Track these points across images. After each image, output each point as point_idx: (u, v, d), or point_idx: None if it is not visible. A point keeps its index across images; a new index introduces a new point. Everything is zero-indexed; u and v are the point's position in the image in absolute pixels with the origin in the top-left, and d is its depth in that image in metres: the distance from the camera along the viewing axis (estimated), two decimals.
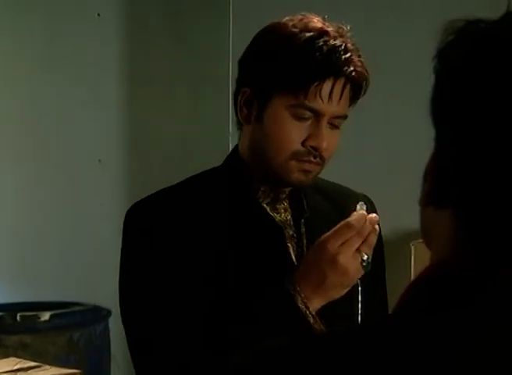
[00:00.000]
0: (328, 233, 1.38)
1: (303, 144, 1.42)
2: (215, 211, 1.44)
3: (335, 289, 1.38)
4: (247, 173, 1.48)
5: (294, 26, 1.43)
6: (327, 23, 1.43)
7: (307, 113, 1.41)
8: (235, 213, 1.45)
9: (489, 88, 0.65)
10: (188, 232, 1.40)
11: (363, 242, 1.38)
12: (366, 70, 1.44)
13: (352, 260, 1.37)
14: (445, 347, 0.64)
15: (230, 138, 2.92)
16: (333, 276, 1.37)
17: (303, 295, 1.38)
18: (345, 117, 1.46)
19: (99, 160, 3.04)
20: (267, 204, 1.48)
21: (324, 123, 1.42)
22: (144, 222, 1.42)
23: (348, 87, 1.42)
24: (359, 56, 1.43)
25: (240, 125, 1.48)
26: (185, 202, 1.44)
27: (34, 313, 2.85)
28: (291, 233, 1.49)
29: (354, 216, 1.39)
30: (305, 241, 1.49)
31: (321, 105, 1.41)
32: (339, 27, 1.43)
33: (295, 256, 1.47)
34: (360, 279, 1.40)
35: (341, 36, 1.42)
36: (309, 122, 1.42)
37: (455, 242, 0.69)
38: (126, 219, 1.43)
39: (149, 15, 3.01)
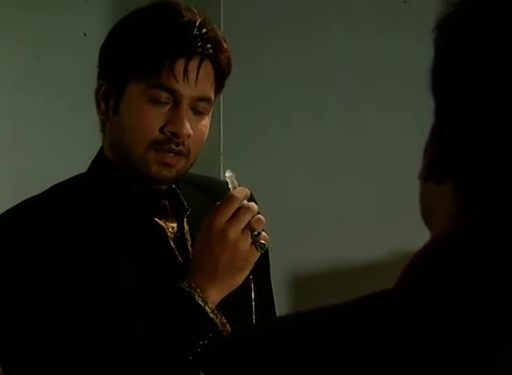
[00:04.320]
0: (212, 211, 1.30)
1: (161, 130, 1.33)
2: (90, 220, 1.34)
3: (229, 273, 1.29)
4: (116, 175, 1.38)
5: (147, 10, 1.38)
6: (192, 11, 1.36)
7: (164, 94, 1.33)
8: (112, 220, 1.36)
9: (485, 60, 0.66)
10: (62, 248, 1.30)
11: (252, 218, 1.30)
12: (227, 50, 1.36)
13: (242, 236, 1.28)
14: (445, 316, 0.63)
15: (221, 158, 2.86)
16: (225, 257, 1.28)
17: (199, 290, 1.29)
18: (208, 100, 1.36)
19: None
20: (144, 206, 1.38)
21: (184, 106, 1.33)
22: (6, 244, 1.31)
23: (208, 66, 1.34)
24: (224, 41, 1.36)
25: (102, 126, 1.41)
26: (53, 216, 1.34)
27: None
28: (174, 233, 1.40)
29: (236, 189, 1.33)
30: (190, 240, 1.40)
31: (176, 84, 1.32)
32: (203, 12, 1.37)
33: (181, 257, 1.39)
34: (252, 272, 1.33)
35: (200, 16, 1.35)
36: (168, 107, 1.33)
37: (455, 216, 0.69)
38: None
39: None
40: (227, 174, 1.37)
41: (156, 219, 1.40)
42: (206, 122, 1.39)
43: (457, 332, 0.63)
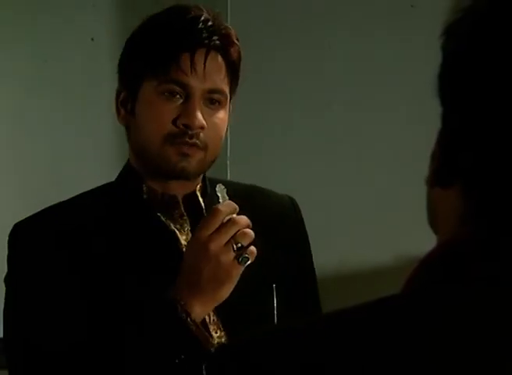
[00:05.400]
0: (199, 224, 1.32)
1: (175, 123, 1.35)
2: (108, 225, 1.38)
3: (211, 286, 1.29)
4: (138, 182, 1.41)
5: (159, 13, 1.41)
6: (200, 8, 1.39)
7: (175, 89, 1.35)
8: (128, 225, 1.38)
9: (494, 66, 0.66)
10: (77, 250, 1.34)
11: (238, 232, 1.29)
12: (237, 44, 1.38)
13: (224, 249, 1.28)
14: (459, 318, 0.63)
15: (228, 163, 2.86)
16: (207, 270, 1.28)
17: (183, 303, 1.30)
18: (221, 93, 1.38)
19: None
20: (161, 211, 1.40)
21: (195, 98, 1.35)
22: (28, 243, 1.35)
23: (217, 58, 1.36)
24: (236, 37, 1.39)
25: (128, 135, 1.43)
26: (74, 219, 1.38)
27: None
28: (188, 240, 1.41)
29: (223, 203, 1.33)
30: None
31: (185, 78, 1.34)
32: (213, 10, 1.39)
33: None
34: (275, 281, 1.35)
35: (208, 13, 1.37)
36: (180, 101, 1.35)
37: (462, 220, 0.69)
38: (9, 241, 1.37)
39: None
40: (217, 188, 1.36)
41: (172, 227, 1.41)
42: (222, 115, 1.40)
43: (472, 334, 0.63)
